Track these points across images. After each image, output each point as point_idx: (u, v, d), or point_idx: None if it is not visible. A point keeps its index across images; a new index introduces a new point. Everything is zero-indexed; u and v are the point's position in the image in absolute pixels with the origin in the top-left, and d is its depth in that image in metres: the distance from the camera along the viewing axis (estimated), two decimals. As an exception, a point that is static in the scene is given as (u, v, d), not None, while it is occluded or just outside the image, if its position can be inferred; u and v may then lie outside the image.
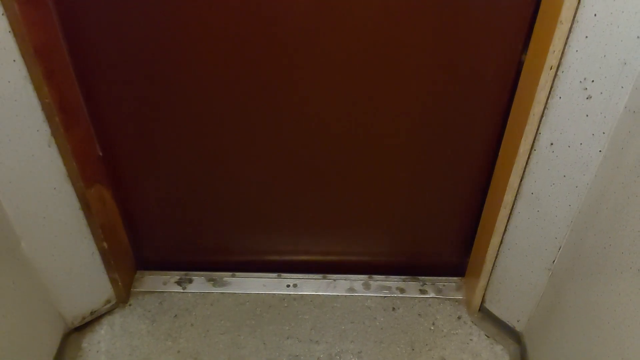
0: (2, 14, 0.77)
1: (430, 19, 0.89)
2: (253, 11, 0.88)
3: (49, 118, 0.89)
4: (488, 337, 1.20)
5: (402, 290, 1.30)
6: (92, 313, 1.19)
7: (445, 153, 1.08)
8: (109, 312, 1.23)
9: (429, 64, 0.94)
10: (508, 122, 0.99)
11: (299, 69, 0.96)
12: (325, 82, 0.98)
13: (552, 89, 0.83)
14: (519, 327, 1.17)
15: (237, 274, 1.33)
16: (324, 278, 1.32)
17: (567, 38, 0.77)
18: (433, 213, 1.20)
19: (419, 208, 1.19)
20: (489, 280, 1.16)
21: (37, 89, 0.85)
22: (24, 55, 0.81)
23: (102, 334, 1.19)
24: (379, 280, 1.32)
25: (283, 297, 1.28)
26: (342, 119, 1.03)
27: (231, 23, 0.90)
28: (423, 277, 1.33)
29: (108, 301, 1.22)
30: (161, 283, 1.30)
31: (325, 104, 1.02)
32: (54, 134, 0.91)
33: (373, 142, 1.07)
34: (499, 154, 1.04)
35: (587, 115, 0.83)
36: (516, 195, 0.99)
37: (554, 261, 1.02)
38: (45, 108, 0.88)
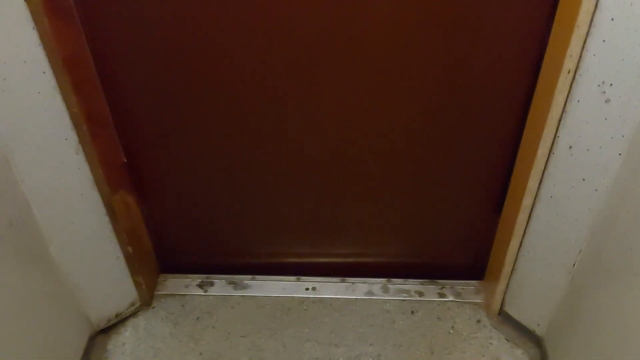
0: (33, 28, 0.80)
1: (445, 23, 0.90)
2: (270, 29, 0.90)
3: (77, 127, 0.92)
4: (508, 340, 1.19)
5: (420, 294, 1.30)
6: (117, 315, 1.22)
7: (463, 156, 1.08)
8: (133, 314, 1.26)
9: (445, 67, 0.95)
10: (526, 126, 0.99)
11: (318, 77, 0.97)
12: (347, 90, 0.99)
13: (570, 92, 0.83)
14: (539, 331, 1.16)
15: (257, 277, 1.35)
16: (343, 281, 1.34)
17: (585, 42, 0.77)
18: (451, 216, 1.21)
19: (437, 211, 1.20)
20: (508, 283, 1.16)
21: (66, 99, 0.89)
22: (53, 67, 0.85)
23: (126, 336, 1.22)
24: (397, 283, 1.33)
25: (302, 300, 1.29)
26: (359, 122, 1.05)
27: (249, 42, 0.92)
28: (442, 281, 1.33)
29: (132, 304, 1.25)
30: (183, 286, 1.33)
31: (347, 111, 1.03)
32: (82, 142, 0.94)
33: (391, 147, 1.08)
34: (518, 157, 1.04)
35: (605, 119, 0.82)
36: (535, 198, 0.99)
37: (574, 265, 1.01)
38: (73, 117, 0.91)
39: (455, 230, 1.24)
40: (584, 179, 0.91)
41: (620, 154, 0.84)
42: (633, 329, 0.79)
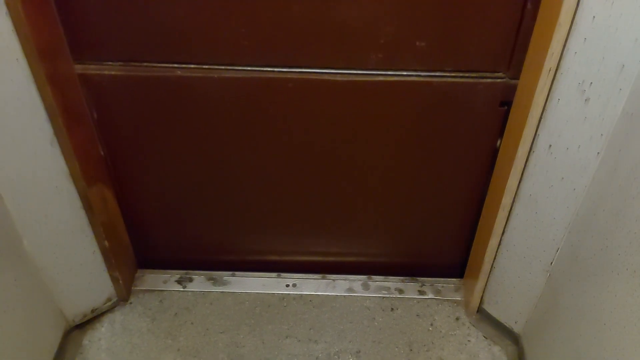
0: (6, 14, 0.78)
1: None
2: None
3: (52, 117, 0.90)
4: (486, 338, 1.20)
5: (400, 291, 1.30)
6: (93, 311, 1.20)
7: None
8: (110, 310, 1.24)
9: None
10: (507, 125, 0.99)
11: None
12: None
13: (551, 91, 0.83)
14: (516, 329, 1.17)
15: (237, 273, 1.34)
16: (323, 278, 1.33)
17: (566, 40, 0.78)
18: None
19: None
20: (487, 281, 1.17)
21: (40, 89, 0.86)
22: (27, 54, 0.82)
23: (102, 331, 1.20)
24: (378, 280, 1.33)
25: (282, 297, 1.29)
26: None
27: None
28: (422, 278, 1.33)
29: (109, 299, 1.22)
30: (161, 282, 1.31)
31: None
32: (57, 133, 0.92)
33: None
34: (498, 156, 1.05)
35: (585, 118, 0.83)
36: (514, 197, 0.99)
37: (551, 263, 1.02)
38: (48, 108, 0.89)
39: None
40: (562, 178, 0.91)
41: (598, 153, 0.85)
42: (609, 326, 0.80)
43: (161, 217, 1.23)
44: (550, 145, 0.89)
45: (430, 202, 1.18)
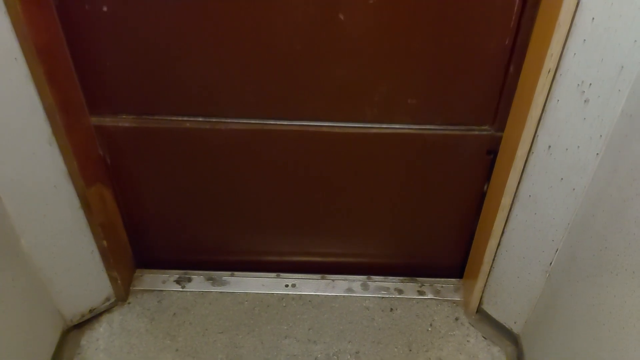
0: (5, 13, 0.78)
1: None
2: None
3: (50, 117, 0.90)
4: (485, 338, 1.20)
5: (400, 291, 1.30)
6: (91, 311, 1.20)
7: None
8: (108, 310, 1.23)
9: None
10: (506, 125, 1.00)
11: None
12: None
13: (550, 92, 0.83)
14: (516, 329, 1.17)
15: (236, 273, 1.33)
16: (323, 278, 1.33)
17: (565, 42, 0.78)
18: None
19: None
20: (486, 282, 1.17)
21: (39, 88, 0.86)
22: (25, 54, 0.82)
23: (100, 331, 1.19)
24: (377, 281, 1.33)
25: (281, 297, 1.28)
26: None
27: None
28: (421, 279, 1.33)
29: (107, 299, 1.22)
30: (160, 282, 1.31)
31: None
32: (55, 132, 0.92)
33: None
34: (497, 156, 1.05)
35: (584, 119, 0.83)
36: (514, 197, 0.99)
37: (551, 263, 1.02)
38: (46, 107, 0.89)
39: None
40: (562, 179, 0.91)
41: (597, 154, 0.85)
42: (607, 326, 0.80)
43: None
44: (549, 146, 0.89)
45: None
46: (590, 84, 0.79)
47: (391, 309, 1.26)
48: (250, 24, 0.89)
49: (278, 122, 1.03)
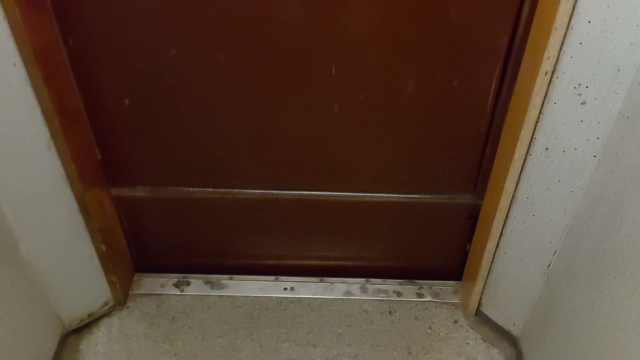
0: (3, 18, 0.78)
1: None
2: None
3: (49, 121, 0.90)
4: (484, 341, 1.20)
5: (399, 294, 1.30)
6: (89, 315, 1.20)
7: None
8: (107, 314, 1.23)
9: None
10: (504, 127, 1.00)
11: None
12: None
13: (547, 94, 0.84)
14: (515, 331, 1.17)
15: (235, 276, 1.33)
16: (321, 281, 1.33)
17: (562, 44, 0.78)
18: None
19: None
20: (485, 284, 1.17)
21: (37, 93, 0.86)
22: (24, 58, 0.82)
23: (99, 336, 1.19)
24: (376, 283, 1.33)
25: (280, 300, 1.28)
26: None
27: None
28: (420, 281, 1.33)
29: (106, 303, 1.22)
30: (159, 285, 1.31)
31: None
32: (53, 137, 0.92)
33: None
34: (495, 158, 1.05)
35: (581, 121, 0.83)
36: (512, 199, 0.99)
37: (549, 265, 1.02)
38: (44, 111, 0.89)
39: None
40: (559, 181, 0.91)
41: (595, 156, 0.86)
42: (606, 329, 0.80)
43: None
44: (546, 148, 0.89)
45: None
46: (587, 87, 0.80)
47: (390, 312, 1.26)
48: (257, 115, 1.02)
49: (280, 192, 1.16)
